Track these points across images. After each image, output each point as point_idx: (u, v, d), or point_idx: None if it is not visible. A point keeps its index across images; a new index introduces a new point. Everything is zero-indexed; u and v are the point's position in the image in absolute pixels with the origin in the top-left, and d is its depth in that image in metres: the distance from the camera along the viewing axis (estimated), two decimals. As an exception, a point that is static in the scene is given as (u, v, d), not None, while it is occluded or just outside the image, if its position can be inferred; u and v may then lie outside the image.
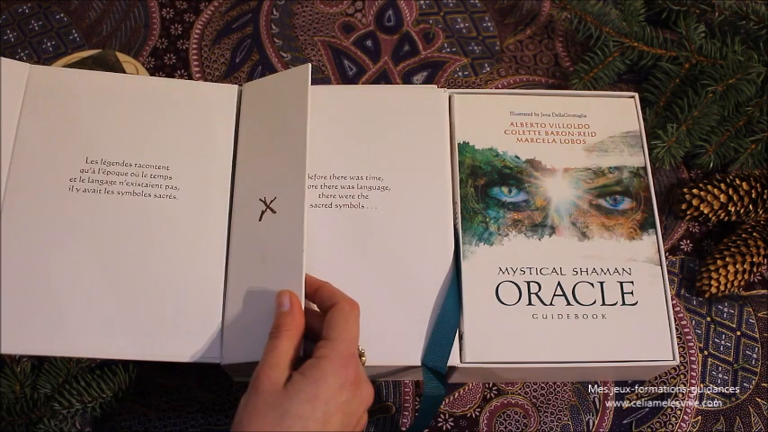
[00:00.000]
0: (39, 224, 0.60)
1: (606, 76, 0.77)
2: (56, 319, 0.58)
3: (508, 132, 0.69)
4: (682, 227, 0.75)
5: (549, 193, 0.67)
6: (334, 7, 0.83)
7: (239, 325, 0.59)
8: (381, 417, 0.66)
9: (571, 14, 0.78)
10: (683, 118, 0.72)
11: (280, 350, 0.52)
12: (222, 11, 0.82)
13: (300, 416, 0.48)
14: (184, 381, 0.66)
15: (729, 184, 0.72)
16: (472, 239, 0.64)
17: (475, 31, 0.83)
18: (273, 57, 0.80)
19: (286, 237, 0.59)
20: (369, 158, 0.66)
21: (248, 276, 0.60)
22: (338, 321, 0.53)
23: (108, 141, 0.64)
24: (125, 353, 0.58)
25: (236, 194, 0.64)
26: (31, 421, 0.61)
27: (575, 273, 0.64)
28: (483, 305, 0.62)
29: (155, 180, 0.63)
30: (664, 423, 0.67)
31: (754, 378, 0.70)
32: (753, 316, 0.72)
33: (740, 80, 0.72)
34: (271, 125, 0.64)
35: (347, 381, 0.51)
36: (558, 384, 0.68)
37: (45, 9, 0.81)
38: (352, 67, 0.80)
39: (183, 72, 0.79)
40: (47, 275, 0.59)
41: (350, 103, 0.68)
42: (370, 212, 0.64)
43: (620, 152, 0.69)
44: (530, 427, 0.66)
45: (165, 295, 0.60)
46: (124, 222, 0.61)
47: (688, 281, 0.72)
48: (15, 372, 0.62)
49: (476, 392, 0.67)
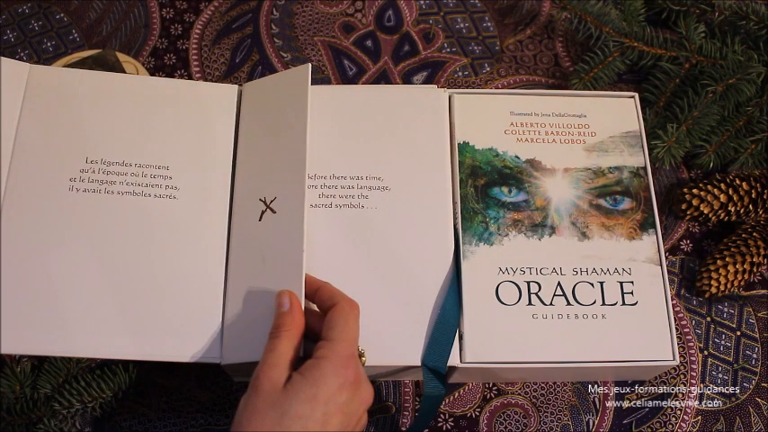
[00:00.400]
0: (39, 224, 0.60)
1: (606, 76, 0.77)
2: (56, 319, 0.58)
3: (508, 132, 0.69)
4: (682, 227, 0.75)
5: (549, 193, 0.67)
6: (334, 7, 0.83)
7: (239, 325, 0.59)
8: (381, 417, 0.66)
9: (571, 14, 0.78)
10: (683, 118, 0.72)
11: (279, 350, 0.52)
12: (222, 11, 0.82)
13: (300, 416, 0.48)
14: (184, 381, 0.66)
15: (729, 184, 0.72)
16: (472, 239, 0.64)
17: (475, 31, 0.83)
18: (273, 57, 0.80)
19: (286, 237, 0.59)
20: (369, 158, 0.66)
21: (248, 276, 0.60)
22: (338, 322, 0.53)
23: (108, 141, 0.64)
24: (125, 353, 0.58)
25: (236, 194, 0.64)
26: (31, 421, 0.61)
27: (575, 273, 0.64)
28: (483, 305, 0.62)
29: (155, 180, 0.63)
30: (664, 423, 0.67)
31: (754, 378, 0.70)
32: (753, 316, 0.72)
33: (740, 80, 0.72)
34: (271, 125, 0.64)
35: (347, 381, 0.51)
36: (558, 384, 0.68)
37: (45, 9, 0.81)
38: (352, 67, 0.80)
39: (183, 72, 0.79)
40: (47, 275, 0.59)
41: (350, 103, 0.68)
42: (370, 212, 0.64)
43: (620, 152, 0.69)
44: (530, 427, 0.66)
45: (165, 295, 0.60)
46: (124, 222, 0.61)
47: (688, 281, 0.72)
48: (15, 372, 0.62)
49: (476, 392, 0.67)
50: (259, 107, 0.66)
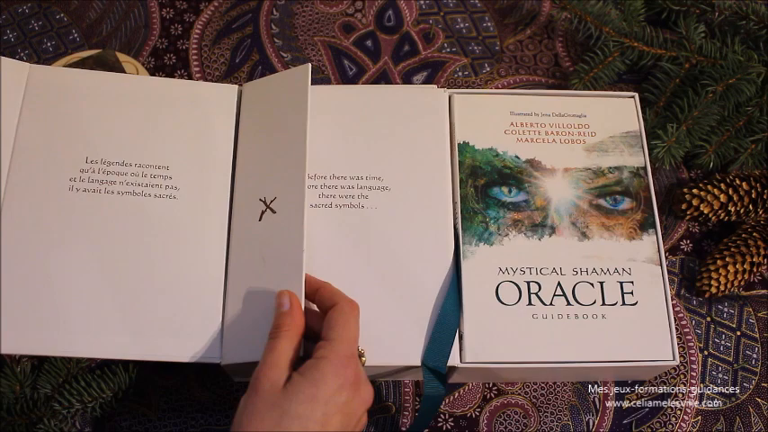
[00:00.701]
0: (39, 224, 0.60)
1: (606, 76, 0.77)
2: (56, 319, 0.58)
3: (508, 132, 0.69)
4: (682, 227, 0.75)
5: (549, 193, 0.67)
6: (334, 7, 0.83)
7: (239, 325, 0.59)
8: (381, 417, 0.66)
9: (571, 14, 0.78)
10: (683, 118, 0.72)
11: (279, 350, 0.52)
12: (222, 11, 0.82)
13: (299, 416, 0.48)
14: (184, 381, 0.66)
15: (729, 184, 0.72)
16: (472, 239, 0.64)
17: (475, 31, 0.83)
18: (273, 57, 0.80)
19: (286, 237, 0.59)
20: (369, 158, 0.66)
21: (248, 276, 0.60)
22: (338, 322, 0.53)
23: (108, 141, 0.64)
24: (125, 353, 0.58)
25: (236, 194, 0.64)
26: (31, 421, 0.61)
27: (575, 273, 0.64)
28: (483, 305, 0.62)
29: (155, 180, 0.63)
30: (664, 423, 0.67)
31: (754, 378, 0.70)
32: (753, 316, 0.72)
33: (740, 80, 0.72)
34: (271, 125, 0.64)
35: (346, 381, 0.51)
36: (558, 384, 0.68)
37: (45, 9, 0.81)
38: (352, 67, 0.80)
39: (182, 72, 0.79)
40: (47, 275, 0.59)
41: (350, 103, 0.68)
42: (370, 212, 0.64)
43: (620, 152, 0.69)
44: (530, 427, 0.66)
45: (165, 295, 0.60)
46: (124, 222, 0.61)
47: (688, 281, 0.72)
48: (15, 372, 0.62)
49: (476, 392, 0.67)
50: (259, 107, 0.66)
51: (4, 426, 0.61)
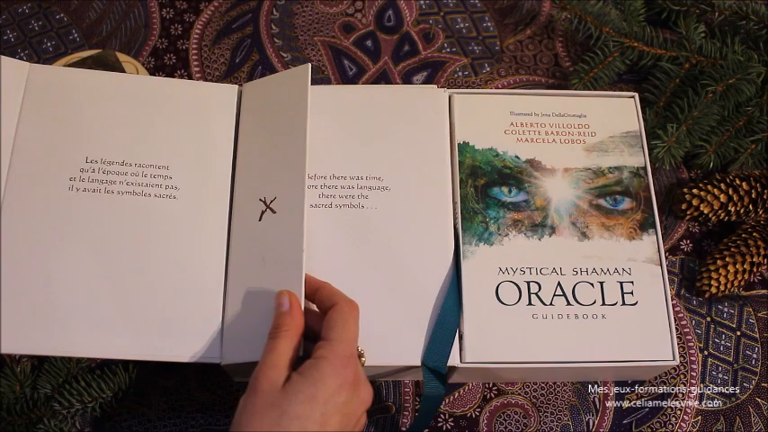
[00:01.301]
0: (39, 224, 0.60)
1: (606, 76, 0.77)
2: (56, 319, 0.58)
3: (508, 132, 0.69)
4: (682, 227, 0.75)
5: (549, 193, 0.67)
6: (334, 7, 0.83)
7: (239, 325, 0.59)
8: (381, 417, 0.66)
9: (571, 14, 0.78)
10: (683, 118, 0.72)
11: (279, 350, 0.52)
12: (222, 11, 0.82)
13: (299, 416, 0.48)
14: (184, 381, 0.66)
15: (729, 184, 0.72)
16: (472, 239, 0.64)
17: (475, 31, 0.83)
18: (273, 57, 0.80)
19: (286, 237, 0.59)
20: (369, 158, 0.66)
21: (248, 276, 0.60)
22: (337, 322, 0.53)
23: (108, 141, 0.64)
24: (125, 353, 0.58)
25: (236, 194, 0.64)
26: (31, 421, 0.61)
27: (575, 273, 0.64)
28: (483, 305, 0.62)
29: (155, 180, 0.63)
30: (664, 423, 0.67)
31: (754, 378, 0.70)
32: (753, 316, 0.72)
33: (740, 80, 0.72)
34: (271, 125, 0.64)
35: (346, 381, 0.51)
36: (558, 384, 0.68)
37: (45, 9, 0.81)
38: (352, 67, 0.80)
39: (182, 72, 0.79)
40: (47, 275, 0.59)
41: (350, 103, 0.68)
42: (370, 212, 0.64)
43: (620, 152, 0.69)
44: (530, 427, 0.66)
45: (165, 295, 0.60)
46: (124, 222, 0.61)
47: (688, 281, 0.72)
48: (15, 372, 0.62)
49: (476, 392, 0.67)
50: (259, 107, 0.66)
51: (4, 426, 0.61)
